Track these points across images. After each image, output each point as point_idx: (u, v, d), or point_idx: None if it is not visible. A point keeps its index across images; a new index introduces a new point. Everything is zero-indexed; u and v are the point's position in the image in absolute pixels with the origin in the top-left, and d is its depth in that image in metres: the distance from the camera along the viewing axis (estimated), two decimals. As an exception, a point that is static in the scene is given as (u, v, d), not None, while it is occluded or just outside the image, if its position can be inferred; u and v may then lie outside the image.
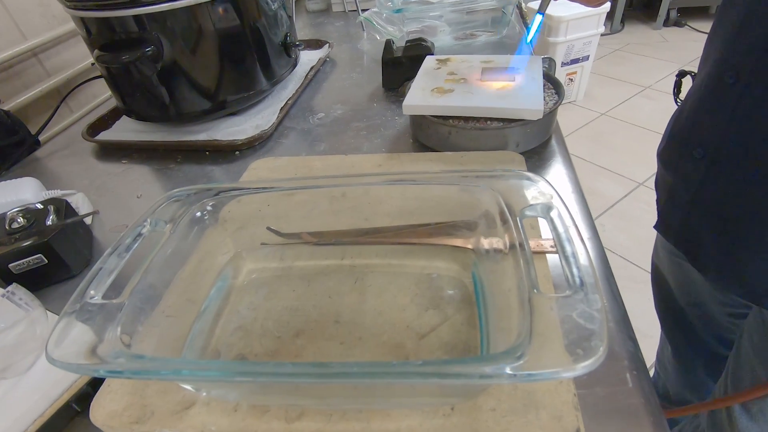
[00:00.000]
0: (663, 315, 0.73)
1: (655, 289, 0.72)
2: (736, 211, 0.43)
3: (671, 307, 0.68)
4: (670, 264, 0.63)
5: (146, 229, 0.31)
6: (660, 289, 0.70)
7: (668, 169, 0.52)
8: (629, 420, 0.28)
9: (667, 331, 0.75)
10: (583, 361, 0.19)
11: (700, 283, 0.59)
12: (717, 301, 0.59)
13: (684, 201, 0.48)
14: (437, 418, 0.27)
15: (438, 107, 0.50)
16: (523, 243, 0.26)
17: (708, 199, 0.45)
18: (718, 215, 0.45)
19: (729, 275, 0.46)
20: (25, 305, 0.32)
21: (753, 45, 0.37)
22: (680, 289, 0.64)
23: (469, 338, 0.30)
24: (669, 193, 0.51)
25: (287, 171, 0.51)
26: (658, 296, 0.72)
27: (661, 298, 0.71)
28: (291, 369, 0.20)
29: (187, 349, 0.30)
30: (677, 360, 0.75)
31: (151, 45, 0.53)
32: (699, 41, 2.65)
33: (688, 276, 0.60)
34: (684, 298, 0.64)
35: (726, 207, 0.44)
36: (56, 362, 0.22)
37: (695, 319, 0.65)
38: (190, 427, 0.28)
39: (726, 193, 0.43)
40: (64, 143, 0.70)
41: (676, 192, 0.49)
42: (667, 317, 0.72)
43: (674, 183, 0.50)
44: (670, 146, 0.52)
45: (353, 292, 0.35)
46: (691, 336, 0.67)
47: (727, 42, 0.40)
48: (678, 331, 0.71)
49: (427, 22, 0.84)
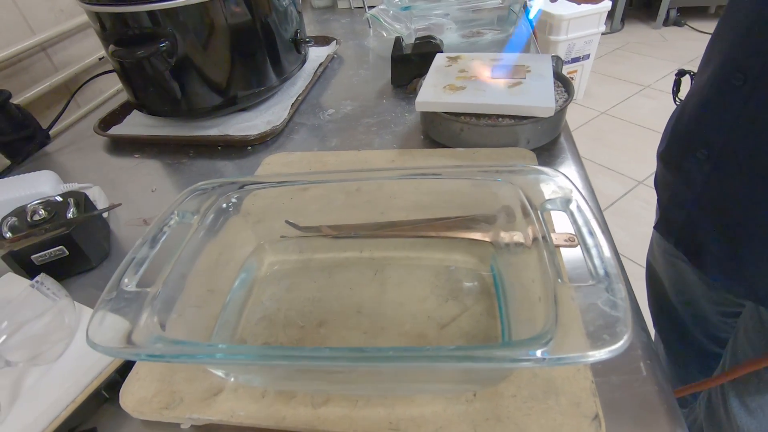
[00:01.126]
0: (656, 313, 0.74)
1: (649, 288, 0.73)
2: (741, 212, 0.43)
3: (665, 305, 0.69)
4: (665, 263, 0.64)
5: (174, 220, 0.31)
6: (654, 288, 0.71)
7: (670, 169, 0.52)
8: (644, 407, 0.29)
9: (660, 330, 0.76)
10: (609, 346, 0.20)
11: (694, 282, 0.60)
12: (710, 300, 0.60)
13: (687, 201, 0.49)
14: (460, 403, 0.28)
15: (450, 104, 0.51)
16: (546, 235, 0.26)
17: (712, 199, 0.46)
18: (721, 216, 0.45)
19: (731, 276, 0.47)
20: (52, 295, 0.33)
21: (761, 47, 0.38)
22: (674, 288, 0.65)
23: (488, 328, 0.31)
24: (671, 193, 0.52)
25: (300, 166, 0.52)
26: (651, 295, 0.73)
27: (655, 296, 0.72)
28: (329, 353, 0.21)
29: (214, 338, 0.31)
30: (670, 358, 0.76)
31: (166, 40, 0.53)
32: (698, 41, 2.67)
33: (682, 275, 0.61)
34: (677, 296, 0.65)
35: (730, 208, 0.44)
36: (97, 347, 0.23)
37: (688, 317, 0.66)
38: (219, 413, 0.29)
39: (730, 194, 0.44)
40: (73, 138, 0.70)
41: (679, 192, 0.50)
42: (661, 315, 0.73)
43: (676, 183, 0.50)
44: (672, 146, 0.52)
45: (373, 284, 0.36)
46: (684, 334, 0.68)
47: (734, 44, 0.41)
48: (671, 330, 0.72)
49: (433, 20, 0.85)
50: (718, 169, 0.44)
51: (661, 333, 0.77)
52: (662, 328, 0.75)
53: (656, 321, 0.76)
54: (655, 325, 0.77)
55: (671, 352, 0.75)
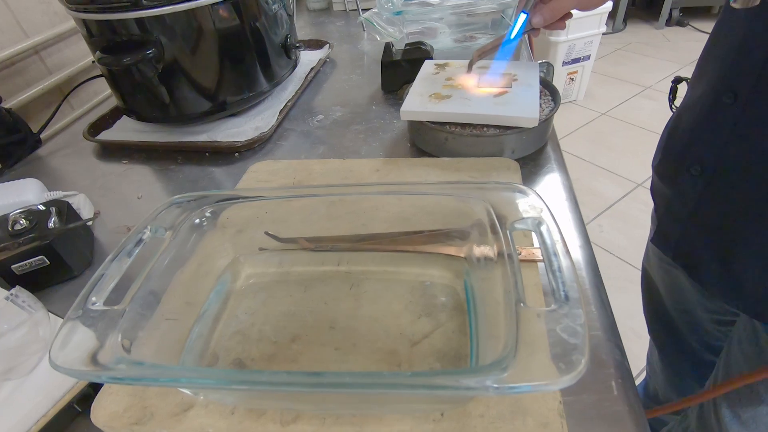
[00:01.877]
0: (651, 320, 0.74)
1: (645, 294, 0.72)
2: (735, 228, 0.43)
3: (660, 311, 0.69)
4: (660, 270, 0.64)
5: (147, 235, 0.32)
6: (649, 294, 0.71)
7: (665, 183, 0.52)
8: (614, 427, 0.29)
9: (654, 336, 0.76)
10: (564, 375, 0.20)
11: (689, 290, 0.60)
12: (704, 308, 0.60)
13: (682, 215, 0.49)
14: (428, 423, 0.28)
15: (435, 113, 0.51)
16: (512, 255, 0.26)
17: (706, 214, 0.46)
18: (716, 232, 0.45)
19: (727, 290, 0.47)
20: (28, 307, 0.33)
21: (751, 66, 0.37)
22: (669, 295, 0.65)
23: (460, 346, 0.31)
24: (666, 206, 0.52)
25: (286, 174, 0.52)
26: (647, 301, 0.73)
27: (650, 302, 0.72)
28: (285, 378, 0.21)
29: (186, 353, 0.31)
30: (664, 364, 0.76)
31: (152, 47, 0.53)
32: (701, 41, 2.63)
33: (677, 283, 0.61)
34: (673, 304, 0.65)
35: (725, 223, 0.44)
36: (60, 368, 0.23)
37: (683, 324, 0.66)
38: (189, 429, 0.29)
39: (725, 210, 0.44)
40: (65, 142, 0.71)
41: (674, 206, 0.50)
42: (656, 322, 0.73)
43: (671, 197, 0.50)
44: (666, 161, 0.52)
45: (349, 299, 0.36)
46: (679, 341, 0.68)
47: (725, 62, 0.41)
48: (665, 336, 0.72)
49: (427, 24, 0.85)
50: (712, 186, 0.44)
51: (656, 340, 0.76)
52: (657, 335, 0.75)
53: (651, 327, 0.76)
54: (650, 332, 0.77)
55: (665, 358, 0.75)
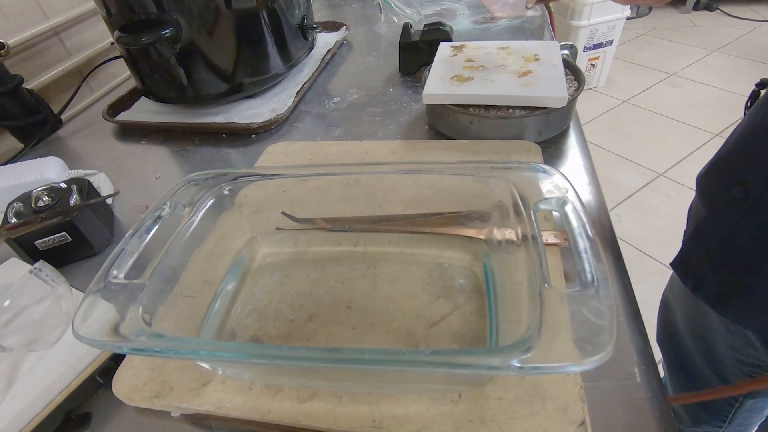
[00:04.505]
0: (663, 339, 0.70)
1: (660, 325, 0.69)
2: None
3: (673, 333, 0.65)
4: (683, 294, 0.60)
5: (166, 212, 0.32)
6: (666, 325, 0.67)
7: (703, 200, 0.48)
8: (635, 414, 0.28)
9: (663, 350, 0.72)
10: (590, 357, 0.19)
11: (714, 323, 0.55)
12: (728, 345, 0.55)
13: (712, 242, 0.45)
14: (445, 404, 0.28)
15: (459, 96, 0.49)
16: (536, 236, 0.26)
17: (739, 246, 0.42)
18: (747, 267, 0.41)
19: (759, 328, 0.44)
20: (51, 281, 0.34)
21: None
22: (688, 322, 0.61)
23: (478, 328, 0.31)
24: (696, 226, 0.48)
25: (302, 156, 0.52)
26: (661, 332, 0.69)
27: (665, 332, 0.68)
28: (305, 353, 0.21)
29: (204, 329, 0.32)
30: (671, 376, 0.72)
31: (170, 26, 0.53)
32: (731, 26, 2.55)
33: (701, 311, 0.57)
34: (690, 330, 0.61)
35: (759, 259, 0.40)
36: (82, 338, 0.23)
37: (697, 351, 0.61)
38: (207, 403, 0.29)
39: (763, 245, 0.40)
40: (85, 122, 0.71)
41: (704, 228, 0.46)
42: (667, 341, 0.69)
43: (704, 217, 0.46)
44: (710, 173, 0.47)
45: (365, 279, 0.35)
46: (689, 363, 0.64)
47: None
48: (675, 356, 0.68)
49: (446, 5, 0.83)
50: (753, 214, 0.40)
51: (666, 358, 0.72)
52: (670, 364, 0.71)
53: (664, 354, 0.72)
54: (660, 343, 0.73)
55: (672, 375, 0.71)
